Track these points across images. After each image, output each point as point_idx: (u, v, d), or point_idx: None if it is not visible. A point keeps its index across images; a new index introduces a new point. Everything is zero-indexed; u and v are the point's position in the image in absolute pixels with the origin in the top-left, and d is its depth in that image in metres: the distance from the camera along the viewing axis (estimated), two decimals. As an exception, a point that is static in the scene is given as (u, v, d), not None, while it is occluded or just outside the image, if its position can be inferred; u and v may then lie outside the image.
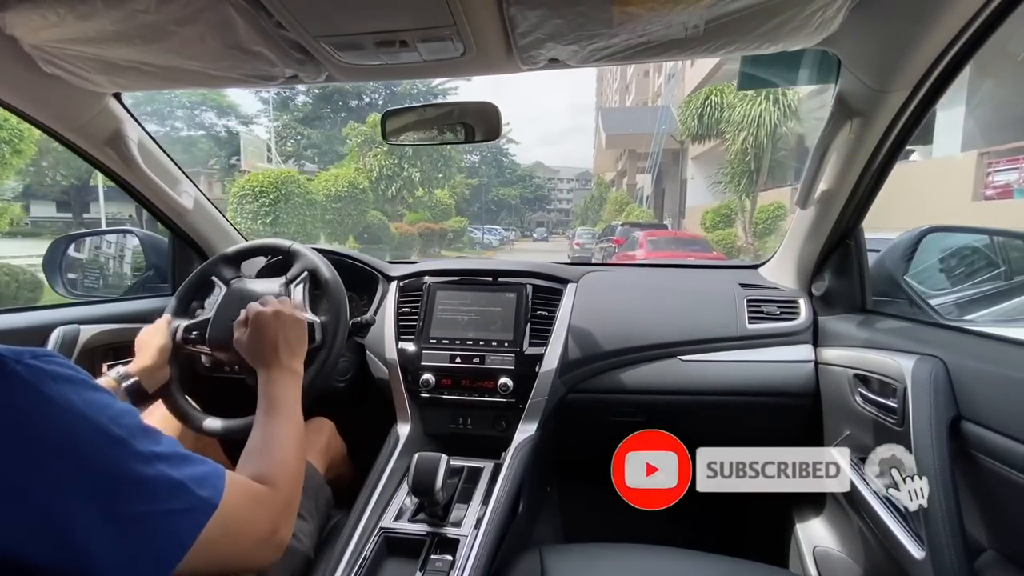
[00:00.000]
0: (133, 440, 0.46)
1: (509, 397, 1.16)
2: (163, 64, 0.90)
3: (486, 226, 29.98)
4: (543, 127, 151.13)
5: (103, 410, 0.45)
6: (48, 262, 1.39)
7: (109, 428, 0.45)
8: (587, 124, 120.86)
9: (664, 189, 22.60)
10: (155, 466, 0.46)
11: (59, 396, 0.43)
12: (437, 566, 0.86)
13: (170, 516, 0.46)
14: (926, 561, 0.72)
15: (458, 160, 19.69)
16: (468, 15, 0.74)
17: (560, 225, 52.71)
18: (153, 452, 0.47)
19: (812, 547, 1.14)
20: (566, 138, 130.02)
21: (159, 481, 0.46)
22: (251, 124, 24.01)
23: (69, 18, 0.76)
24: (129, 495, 0.44)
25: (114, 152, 1.15)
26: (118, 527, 0.43)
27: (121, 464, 0.44)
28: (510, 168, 45.60)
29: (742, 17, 0.73)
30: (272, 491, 0.59)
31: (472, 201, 35.57)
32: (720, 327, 1.23)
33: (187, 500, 0.47)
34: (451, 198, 20.80)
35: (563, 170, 69.29)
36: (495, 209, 42.38)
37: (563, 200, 65.04)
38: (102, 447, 0.44)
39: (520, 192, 46.57)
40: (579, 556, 0.90)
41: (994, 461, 0.67)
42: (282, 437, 0.69)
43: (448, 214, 20.05)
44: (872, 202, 1.07)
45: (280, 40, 0.82)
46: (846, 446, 1.02)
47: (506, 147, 43.89)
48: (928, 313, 1.11)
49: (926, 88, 0.85)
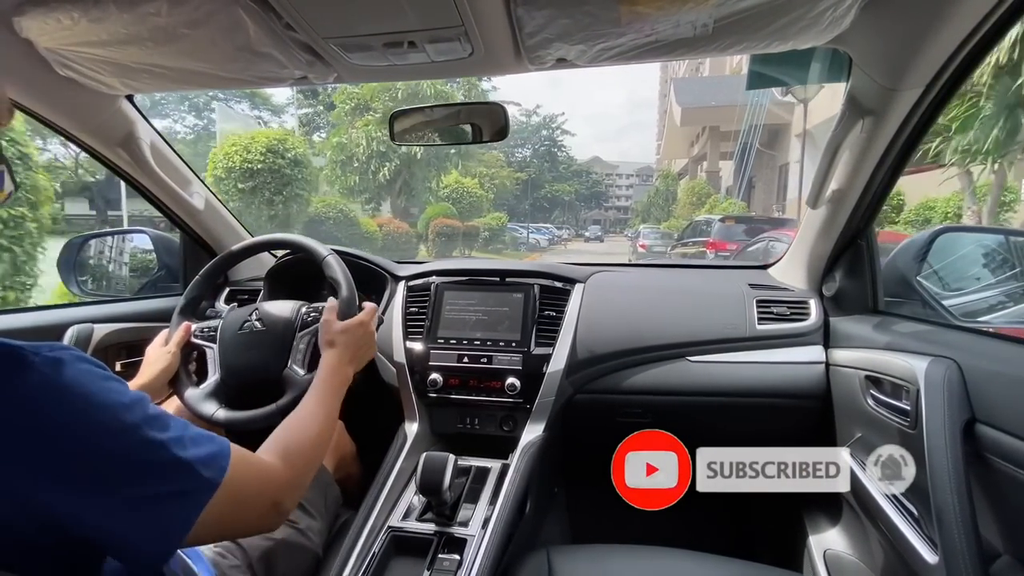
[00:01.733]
0: (145, 426, 0.48)
1: (516, 397, 1.16)
2: (174, 66, 0.91)
3: (535, 225, 27.68)
4: (600, 125, 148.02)
5: (117, 399, 0.48)
6: (62, 262, 1.41)
7: (122, 416, 0.47)
8: (645, 120, 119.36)
9: (752, 177, 17.61)
10: (165, 450, 0.49)
11: (75, 385, 0.45)
12: (444, 565, 0.86)
13: (178, 496, 0.49)
14: (940, 566, 0.71)
15: (496, 146, 18.02)
16: (476, 16, 0.74)
17: (618, 224, 49.06)
18: (163, 437, 0.49)
19: (823, 551, 1.13)
20: (624, 135, 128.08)
21: (168, 464, 0.49)
22: (282, 114, 23.19)
23: (83, 22, 0.77)
24: (139, 478, 0.47)
25: (127, 153, 1.17)
26: (128, 507, 0.46)
27: (133, 450, 0.47)
28: (565, 163, 42.01)
29: (752, 16, 0.73)
30: (281, 468, 0.62)
31: (522, 198, 33.84)
32: (729, 328, 1.22)
33: (194, 481, 0.50)
34: (483, 188, 17.33)
35: (622, 165, 63.88)
36: (547, 206, 39.27)
37: (621, 197, 60.50)
38: (116, 434, 0.46)
39: (575, 188, 42.87)
40: (587, 557, 0.90)
41: (1009, 464, 0.66)
42: (311, 423, 0.74)
43: (479, 208, 16.40)
44: (884, 202, 1.06)
45: (289, 41, 0.82)
46: (858, 448, 1.01)
47: (560, 138, 40.42)
48: (941, 314, 1.09)
49: (939, 86, 0.83)
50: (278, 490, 0.60)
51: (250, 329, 1.03)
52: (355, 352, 0.91)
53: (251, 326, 1.03)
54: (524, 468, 1.06)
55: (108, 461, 0.46)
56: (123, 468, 0.46)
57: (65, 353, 0.47)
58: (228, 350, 1.02)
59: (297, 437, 0.70)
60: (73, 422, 0.44)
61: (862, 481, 0.95)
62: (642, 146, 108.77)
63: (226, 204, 1.48)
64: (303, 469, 0.67)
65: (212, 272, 1.12)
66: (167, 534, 0.48)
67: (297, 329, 1.02)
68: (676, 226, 16.72)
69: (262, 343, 1.01)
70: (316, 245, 1.07)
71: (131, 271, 1.65)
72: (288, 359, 0.99)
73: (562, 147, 40.79)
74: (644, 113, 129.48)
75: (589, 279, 1.32)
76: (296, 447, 0.67)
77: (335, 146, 13.87)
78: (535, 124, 38.85)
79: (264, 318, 1.04)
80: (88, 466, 0.44)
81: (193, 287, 1.10)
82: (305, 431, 0.72)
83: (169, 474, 0.49)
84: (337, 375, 0.85)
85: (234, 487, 0.53)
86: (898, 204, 8.04)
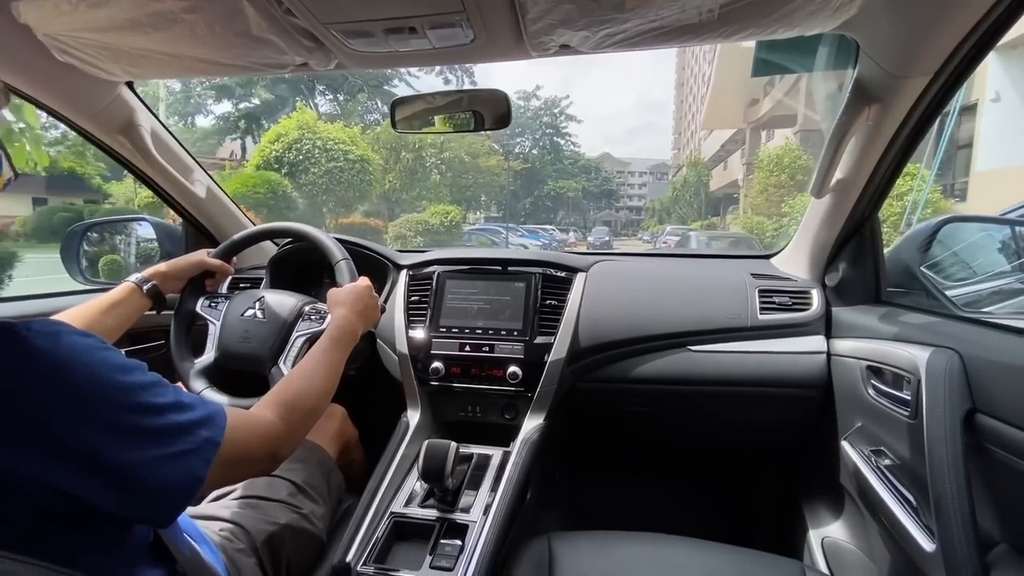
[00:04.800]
0: (142, 392, 0.50)
1: (518, 386, 1.16)
2: (174, 52, 0.90)
3: (530, 227, 22.73)
4: (609, 127, 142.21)
5: (113, 368, 0.49)
6: (65, 251, 1.41)
7: (120, 383, 0.48)
8: (656, 123, 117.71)
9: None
10: (164, 416, 0.50)
11: (71, 356, 0.46)
12: (447, 550, 0.87)
13: (180, 457, 0.51)
14: (937, 554, 0.71)
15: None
16: (478, 1, 0.73)
17: (630, 226, 44.17)
18: (161, 402, 0.51)
19: (822, 539, 1.14)
20: (634, 137, 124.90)
21: (170, 428, 0.51)
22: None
23: (81, 7, 0.76)
24: (141, 444, 0.48)
25: (127, 140, 1.17)
26: (134, 472, 0.47)
27: (133, 416, 0.48)
28: (571, 157, 35.91)
29: (757, 1, 0.72)
30: (278, 423, 0.65)
31: (520, 195, 30.43)
32: (731, 317, 1.22)
33: (195, 441, 0.52)
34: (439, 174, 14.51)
35: (635, 162, 58.11)
36: (551, 205, 34.27)
37: (634, 196, 55.16)
38: (115, 402, 0.48)
39: (583, 185, 36.34)
40: (588, 543, 0.91)
41: (1009, 455, 0.67)
42: (313, 378, 0.76)
43: (362, 191, 12.37)
44: (889, 191, 1.05)
45: (290, 27, 0.81)
46: (858, 438, 1.02)
47: (565, 126, 34.04)
48: (944, 305, 1.09)
49: (948, 74, 0.82)
50: (274, 443, 0.63)
51: (252, 317, 1.04)
52: (363, 310, 0.94)
53: (253, 314, 1.04)
54: (525, 456, 1.07)
55: (109, 429, 0.46)
56: (125, 435, 0.47)
57: (58, 326, 0.47)
58: (227, 333, 1.05)
59: (297, 391, 0.72)
60: (71, 392, 0.45)
61: (861, 470, 0.95)
62: (652, 148, 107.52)
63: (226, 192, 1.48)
64: (300, 422, 0.69)
65: (250, 237, 1.17)
66: (173, 496, 0.50)
67: (294, 326, 1.04)
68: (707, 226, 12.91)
69: (259, 334, 1.03)
70: (326, 239, 1.09)
71: (134, 259, 1.65)
72: (280, 357, 1.01)
73: (567, 135, 35.01)
74: (653, 115, 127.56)
75: (591, 268, 1.31)
76: (294, 401, 0.69)
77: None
78: (534, 109, 33.26)
79: (266, 309, 1.05)
80: (87, 436, 0.45)
81: (234, 243, 1.15)
82: (306, 385, 0.74)
83: (170, 437, 0.50)
84: (345, 331, 0.88)
85: (232, 445, 0.56)
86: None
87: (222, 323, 1.06)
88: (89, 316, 0.90)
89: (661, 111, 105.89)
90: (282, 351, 1.02)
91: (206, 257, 1.11)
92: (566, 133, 35.00)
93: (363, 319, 0.94)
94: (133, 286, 0.98)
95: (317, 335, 0.99)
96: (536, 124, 33.68)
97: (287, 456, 0.66)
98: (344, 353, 0.85)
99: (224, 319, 1.06)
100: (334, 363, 0.82)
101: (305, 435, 0.72)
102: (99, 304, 0.93)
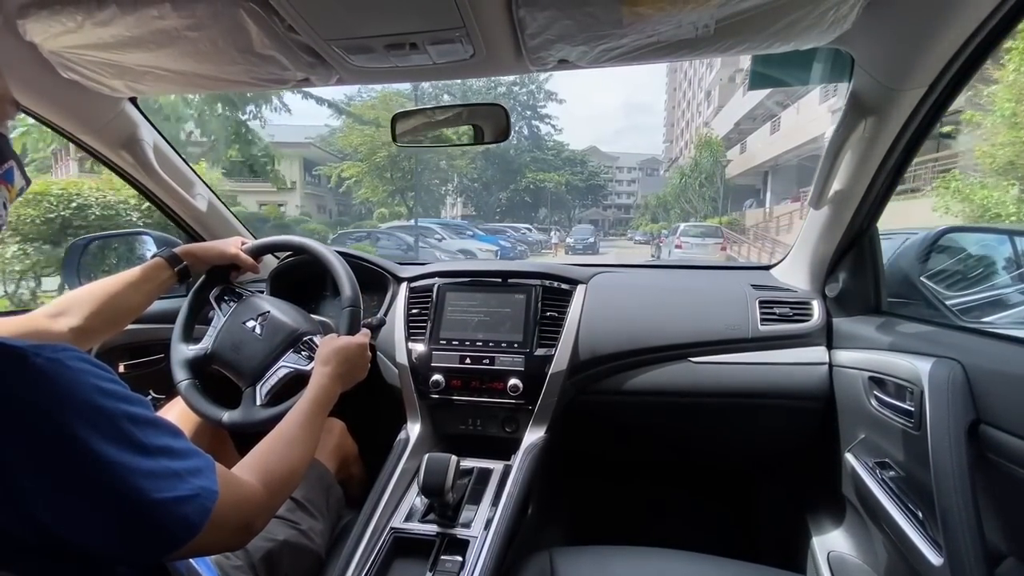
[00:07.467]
0: (141, 432, 0.48)
1: (519, 399, 1.16)
2: (177, 69, 0.91)
3: (489, 226, 19.58)
4: (596, 127, 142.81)
5: (118, 402, 0.47)
6: (66, 265, 1.41)
7: (120, 421, 0.47)
8: (644, 123, 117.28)
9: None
10: (157, 460, 0.48)
11: (77, 387, 0.45)
12: (447, 567, 0.86)
13: (174, 503, 0.48)
14: (944, 568, 0.70)
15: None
16: (477, 17, 0.74)
17: (618, 224, 41.44)
18: (158, 444, 0.49)
19: (827, 552, 1.12)
20: (622, 137, 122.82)
21: (159, 472, 0.48)
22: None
23: (86, 25, 0.78)
24: (133, 484, 0.46)
25: (130, 155, 1.18)
26: (126, 510, 0.46)
27: (128, 455, 0.46)
28: (554, 148, 31.17)
29: (753, 16, 0.73)
30: (260, 491, 0.61)
31: (493, 188, 26.34)
32: (732, 329, 1.21)
33: (188, 488, 0.49)
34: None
35: (623, 157, 53.82)
36: (530, 201, 29.79)
37: (623, 194, 51.68)
38: (112, 438, 0.46)
39: (567, 179, 31.06)
40: (590, 558, 0.90)
41: (1014, 466, 0.66)
42: (295, 445, 0.72)
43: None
44: (887, 202, 1.06)
45: (292, 44, 0.83)
46: (861, 450, 1.01)
47: (543, 106, 29.47)
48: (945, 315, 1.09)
49: (942, 86, 0.83)
50: (252, 512, 0.59)
51: (251, 330, 1.04)
52: (349, 370, 0.91)
53: (253, 327, 1.04)
54: (526, 469, 1.06)
55: (104, 465, 0.45)
56: (118, 471, 0.45)
57: (66, 354, 0.46)
58: (224, 335, 1.05)
59: (279, 460, 0.68)
60: (71, 424, 0.44)
61: (866, 483, 0.94)
62: (640, 148, 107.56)
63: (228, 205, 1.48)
64: (279, 493, 0.65)
65: (285, 245, 1.18)
66: (162, 540, 0.48)
67: (283, 355, 1.02)
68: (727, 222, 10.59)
69: (250, 350, 1.03)
70: (345, 279, 1.06)
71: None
72: (259, 381, 1.00)
73: (547, 119, 30.31)
74: (641, 116, 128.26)
75: (591, 280, 1.31)
76: (277, 470, 0.66)
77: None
78: (507, 83, 27.35)
79: (266, 326, 1.04)
80: (85, 468, 0.44)
81: (268, 244, 1.17)
82: (288, 454, 0.70)
83: (163, 481, 0.48)
84: (327, 393, 0.84)
85: (218, 504, 0.52)
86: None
87: (225, 323, 1.07)
88: (118, 290, 0.92)
89: (646, 113, 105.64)
90: (263, 376, 1.00)
91: (240, 251, 1.10)
92: (546, 116, 30.99)
93: (344, 381, 0.90)
94: (163, 262, 0.99)
95: (299, 375, 0.99)
96: (511, 103, 27.92)
97: (260, 528, 0.61)
98: (325, 414, 0.83)
99: (228, 320, 1.07)
100: (316, 429, 0.79)
101: (278, 508, 0.67)
102: (129, 279, 0.94)
